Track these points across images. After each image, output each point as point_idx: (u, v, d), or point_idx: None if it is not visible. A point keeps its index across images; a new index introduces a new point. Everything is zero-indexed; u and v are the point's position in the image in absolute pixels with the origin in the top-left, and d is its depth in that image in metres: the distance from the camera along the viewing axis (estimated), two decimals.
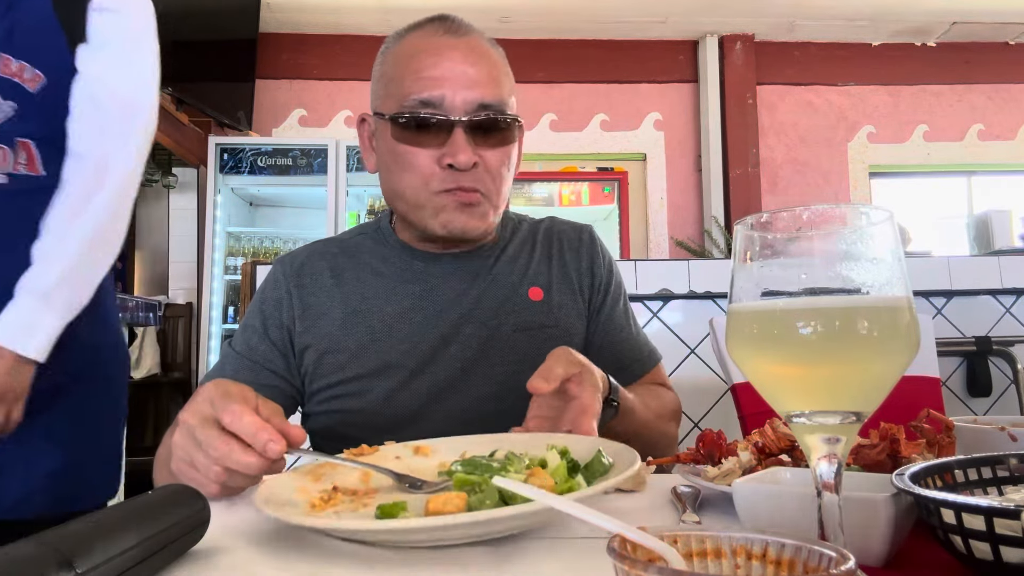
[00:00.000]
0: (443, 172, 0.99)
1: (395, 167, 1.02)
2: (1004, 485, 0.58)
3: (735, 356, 0.48)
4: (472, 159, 0.98)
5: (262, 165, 4.40)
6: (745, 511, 0.58)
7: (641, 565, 0.33)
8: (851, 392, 0.45)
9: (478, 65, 1.00)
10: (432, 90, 0.98)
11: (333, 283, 1.09)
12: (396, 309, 1.07)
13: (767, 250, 0.46)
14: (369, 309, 1.07)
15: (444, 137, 0.99)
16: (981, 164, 5.20)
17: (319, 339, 1.05)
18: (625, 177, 4.82)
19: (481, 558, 0.56)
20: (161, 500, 0.55)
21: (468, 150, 0.97)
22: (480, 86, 0.99)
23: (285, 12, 4.71)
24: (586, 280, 1.16)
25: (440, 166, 0.99)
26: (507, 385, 1.04)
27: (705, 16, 4.84)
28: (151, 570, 0.51)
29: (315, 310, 1.07)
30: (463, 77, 0.98)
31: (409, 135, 1.00)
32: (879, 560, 0.52)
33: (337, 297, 1.08)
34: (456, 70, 0.98)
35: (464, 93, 0.98)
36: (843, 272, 0.44)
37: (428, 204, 1.02)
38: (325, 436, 1.07)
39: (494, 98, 1.00)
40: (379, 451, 0.80)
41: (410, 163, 1.00)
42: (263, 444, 0.66)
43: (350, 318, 1.06)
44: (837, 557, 0.34)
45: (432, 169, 0.99)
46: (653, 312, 2.26)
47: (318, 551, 0.59)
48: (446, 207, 1.01)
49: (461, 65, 0.99)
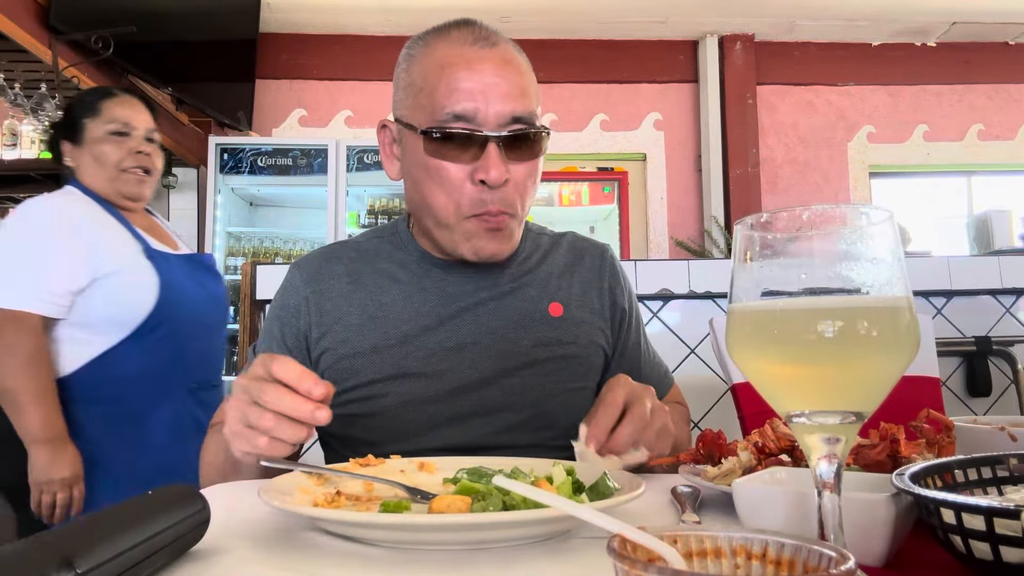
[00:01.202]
0: (474, 189, 0.98)
1: (426, 180, 1.01)
2: (1004, 485, 0.58)
3: (735, 356, 0.48)
4: (504, 175, 0.97)
5: (262, 165, 4.40)
6: (745, 511, 0.58)
7: (641, 565, 0.33)
8: (851, 392, 0.45)
9: (511, 78, 0.98)
10: (466, 103, 0.96)
11: (351, 288, 1.08)
12: (413, 316, 1.06)
13: (767, 250, 0.46)
14: (386, 316, 1.06)
15: (477, 152, 0.97)
16: (981, 164, 5.20)
17: (336, 344, 1.05)
18: (625, 177, 4.81)
19: (481, 560, 0.56)
20: (161, 500, 0.55)
21: (501, 166, 0.96)
22: (513, 99, 0.97)
23: (285, 12, 4.70)
24: (607, 301, 1.15)
25: (472, 182, 0.98)
26: (524, 398, 1.04)
27: (705, 16, 4.84)
28: (151, 570, 0.51)
29: (332, 315, 1.07)
30: (496, 90, 0.97)
31: (442, 149, 0.98)
32: (879, 560, 0.52)
33: (355, 302, 1.07)
34: (489, 83, 0.97)
35: (497, 107, 0.96)
36: (843, 272, 0.44)
37: (458, 228, 1.01)
38: (341, 441, 1.07)
39: (525, 110, 0.98)
40: (385, 463, 0.80)
41: (442, 178, 0.99)
42: (308, 388, 0.71)
43: (367, 324, 1.05)
44: (837, 557, 0.34)
45: (464, 185, 0.98)
46: (653, 312, 2.26)
47: (318, 551, 0.59)
48: (476, 234, 1.00)
49: (494, 78, 0.97)
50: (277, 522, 0.68)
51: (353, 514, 0.59)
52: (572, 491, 0.65)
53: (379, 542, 0.59)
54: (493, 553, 0.57)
